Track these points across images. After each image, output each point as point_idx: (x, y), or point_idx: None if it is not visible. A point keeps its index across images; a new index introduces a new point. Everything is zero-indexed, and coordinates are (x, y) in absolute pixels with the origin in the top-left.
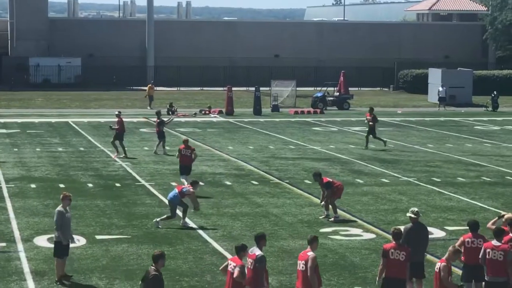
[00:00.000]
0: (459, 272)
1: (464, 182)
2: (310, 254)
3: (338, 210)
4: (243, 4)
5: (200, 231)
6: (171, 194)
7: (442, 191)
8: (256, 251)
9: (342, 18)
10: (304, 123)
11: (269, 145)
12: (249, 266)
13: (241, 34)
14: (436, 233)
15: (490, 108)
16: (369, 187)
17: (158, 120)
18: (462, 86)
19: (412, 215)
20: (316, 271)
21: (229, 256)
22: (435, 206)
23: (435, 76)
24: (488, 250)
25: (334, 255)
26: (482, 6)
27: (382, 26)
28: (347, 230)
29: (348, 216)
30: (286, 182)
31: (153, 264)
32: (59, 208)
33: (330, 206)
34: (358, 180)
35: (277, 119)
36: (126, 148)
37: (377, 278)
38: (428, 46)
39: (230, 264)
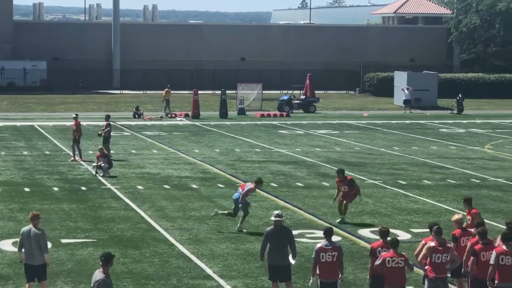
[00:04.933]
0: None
1: (430, 184)
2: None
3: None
4: (210, 7)
5: (166, 234)
6: (236, 194)
7: (408, 193)
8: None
9: (308, 21)
10: (270, 126)
11: (235, 148)
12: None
13: (207, 37)
14: (401, 235)
15: (455, 111)
16: (335, 190)
17: (106, 123)
18: (427, 89)
19: (275, 218)
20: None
21: (195, 259)
22: (400, 209)
23: (400, 79)
24: (501, 256)
25: (300, 258)
26: (447, 9)
27: (348, 29)
28: (313, 233)
29: (314, 219)
30: None
31: (102, 267)
32: (36, 230)
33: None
34: (324, 183)
35: (243, 122)
36: (82, 152)
37: (368, 277)
38: (394, 49)
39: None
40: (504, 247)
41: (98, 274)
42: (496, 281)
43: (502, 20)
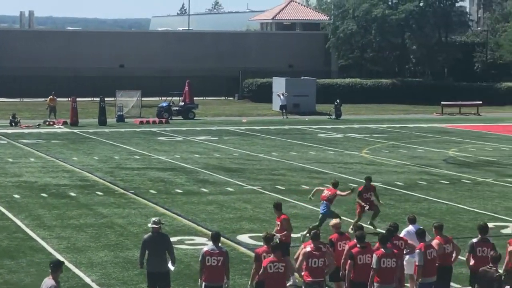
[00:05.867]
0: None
1: (308, 189)
2: None
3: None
4: (88, 14)
5: (44, 243)
6: (322, 207)
7: (287, 198)
8: None
9: (187, 28)
10: (149, 133)
11: (114, 155)
12: None
13: (86, 44)
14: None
15: (333, 116)
16: (214, 196)
17: None
18: (306, 94)
19: (153, 225)
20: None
21: (73, 267)
22: None
23: (279, 85)
24: (383, 259)
25: (179, 265)
26: (324, 15)
27: (226, 35)
28: (192, 239)
29: (193, 225)
30: (131, 193)
31: (51, 274)
32: None
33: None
34: (203, 189)
35: (122, 129)
36: None
37: (249, 282)
38: (272, 55)
39: None
40: (382, 249)
41: (48, 282)
42: (375, 284)
43: (378, 26)
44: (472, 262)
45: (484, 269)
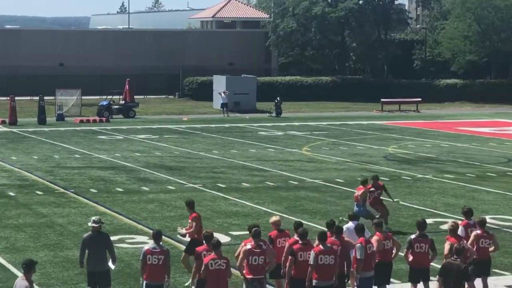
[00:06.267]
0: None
1: (249, 187)
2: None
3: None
4: (27, 12)
5: None
6: (355, 209)
7: (227, 196)
8: None
9: (127, 26)
10: (89, 132)
11: (54, 154)
12: None
13: (24, 43)
14: (221, 238)
15: (273, 114)
16: (155, 194)
17: None
18: (246, 92)
19: (93, 224)
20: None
21: (12, 268)
22: (220, 212)
23: (219, 83)
24: (320, 255)
25: (120, 263)
26: (264, 13)
27: (167, 34)
28: (133, 238)
29: (134, 224)
30: (71, 192)
31: (24, 275)
32: None
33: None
34: (144, 188)
35: (62, 128)
36: None
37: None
38: (213, 53)
39: None
40: (321, 246)
41: (21, 283)
42: (314, 280)
43: (317, 24)
44: (410, 258)
45: (449, 261)
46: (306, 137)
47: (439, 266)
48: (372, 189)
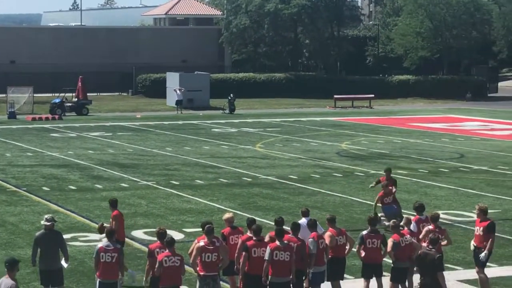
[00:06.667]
0: None
1: (202, 184)
2: None
3: None
4: None
5: None
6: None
7: (181, 193)
8: None
9: (80, 23)
10: (42, 130)
11: (5, 152)
12: None
13: None
14: (174, 235)
15: (227, 111)
16: (109, 192)
17: None
18: (199, 89)
19: (45, 222)
20: None
21: None
22: (174, 209)
23: (173, 80)
24: (275, 251)
25: (73, 262)
26: (217, 10)
27: (119, 31)
28: (86, 236)
29: (87, 222)
30: (23, 190)
31: (7, 273)
32: None
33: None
34: (98, 185)
35: (14, 126)
36: None
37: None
38: (166, 51)
39: None
40: (277, 242)
41: (6, 281)
42: (269, 276)
43: (270, 20)
44: (363, 254)
45: (423, 251)
46: (260, 134)
47: (390, 261)
48: (385, 182)
